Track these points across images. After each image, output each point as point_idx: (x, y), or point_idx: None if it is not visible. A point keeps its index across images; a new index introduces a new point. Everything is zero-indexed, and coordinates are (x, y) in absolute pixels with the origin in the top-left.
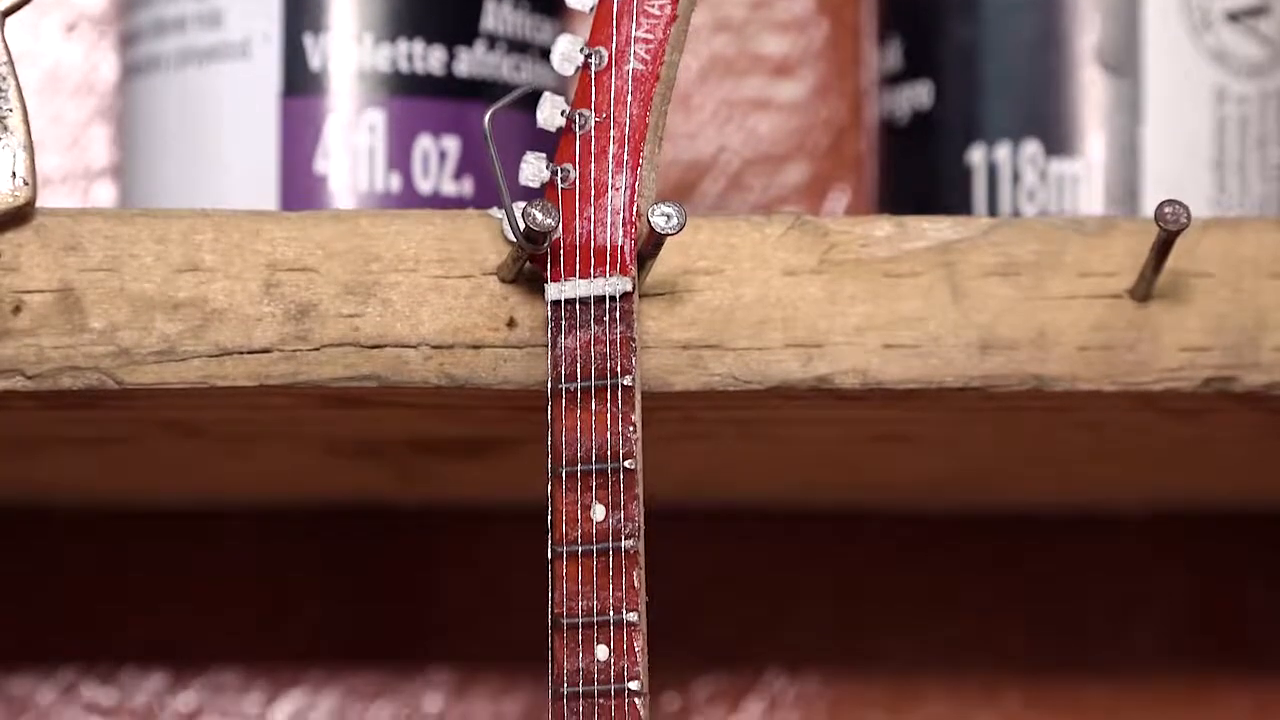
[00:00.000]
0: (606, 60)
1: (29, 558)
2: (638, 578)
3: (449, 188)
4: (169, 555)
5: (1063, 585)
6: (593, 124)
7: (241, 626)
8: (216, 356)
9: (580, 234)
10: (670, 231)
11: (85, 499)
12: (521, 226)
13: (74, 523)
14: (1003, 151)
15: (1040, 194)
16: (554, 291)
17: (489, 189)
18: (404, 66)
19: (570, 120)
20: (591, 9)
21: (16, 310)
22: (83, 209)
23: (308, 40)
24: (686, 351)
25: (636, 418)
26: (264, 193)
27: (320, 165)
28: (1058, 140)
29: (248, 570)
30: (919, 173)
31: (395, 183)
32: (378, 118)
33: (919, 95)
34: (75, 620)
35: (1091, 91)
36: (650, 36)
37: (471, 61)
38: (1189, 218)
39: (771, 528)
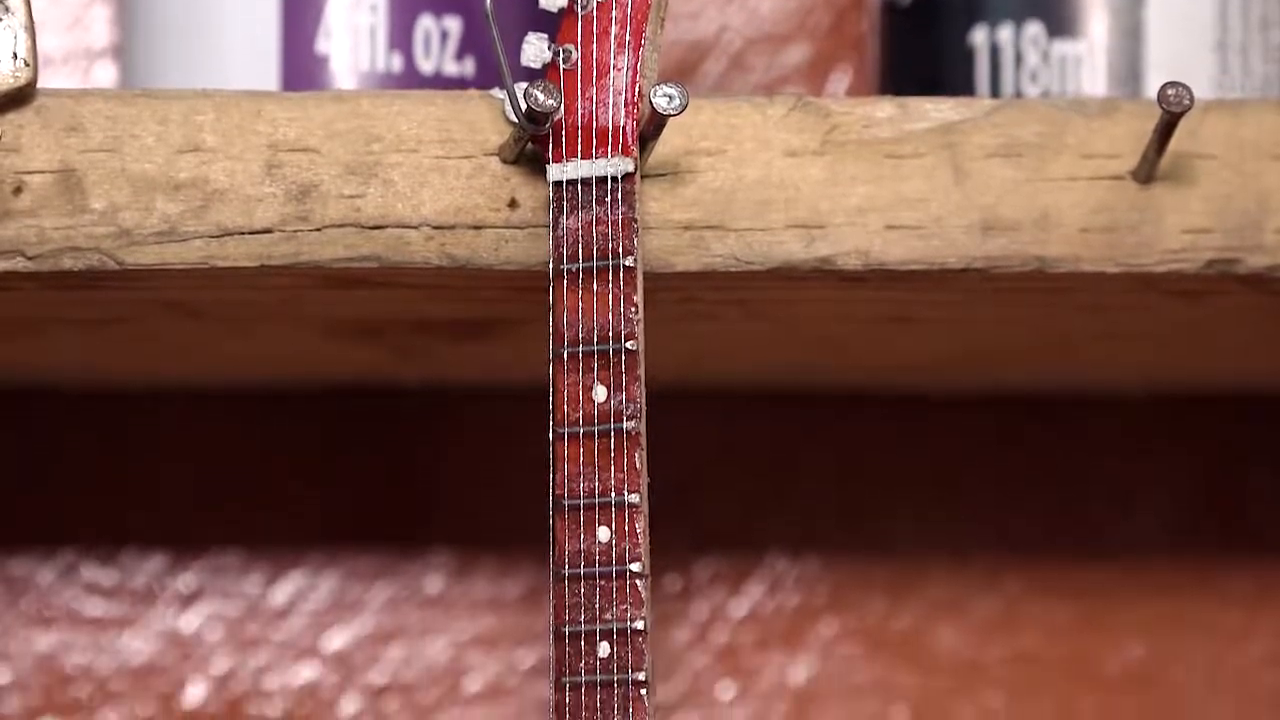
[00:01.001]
0: None
1: (29, 439)
2: (639, 459)
3: (450, 68)
4: (169, 436)
5: (1065, 467)
6: (595, 5)
7: (242, 508)
8: (217, 237)
9: (582, 115)
10: (672, 112)
11: (86, 380)
12: (523, 107)
13: (74, 403)
14: (1005, 32)
15: (1043, 75)
16: (555, 172)
17: (491, 70)
18: None
19: (572, 1)
20: None
21: (17, 191)
22: (84, 90)
23: None
24: (688, 232)
25: (638, 299)
26: (265, 73)
27: (321, 45)
28: (1060, 21)
29: (248, 451)
30: (921, 54)
31: (397, 63)
32: None
33: None
34: (75, 501)
35: None
36: None
37: None
38: (1191, 100)
39: (773, 409)
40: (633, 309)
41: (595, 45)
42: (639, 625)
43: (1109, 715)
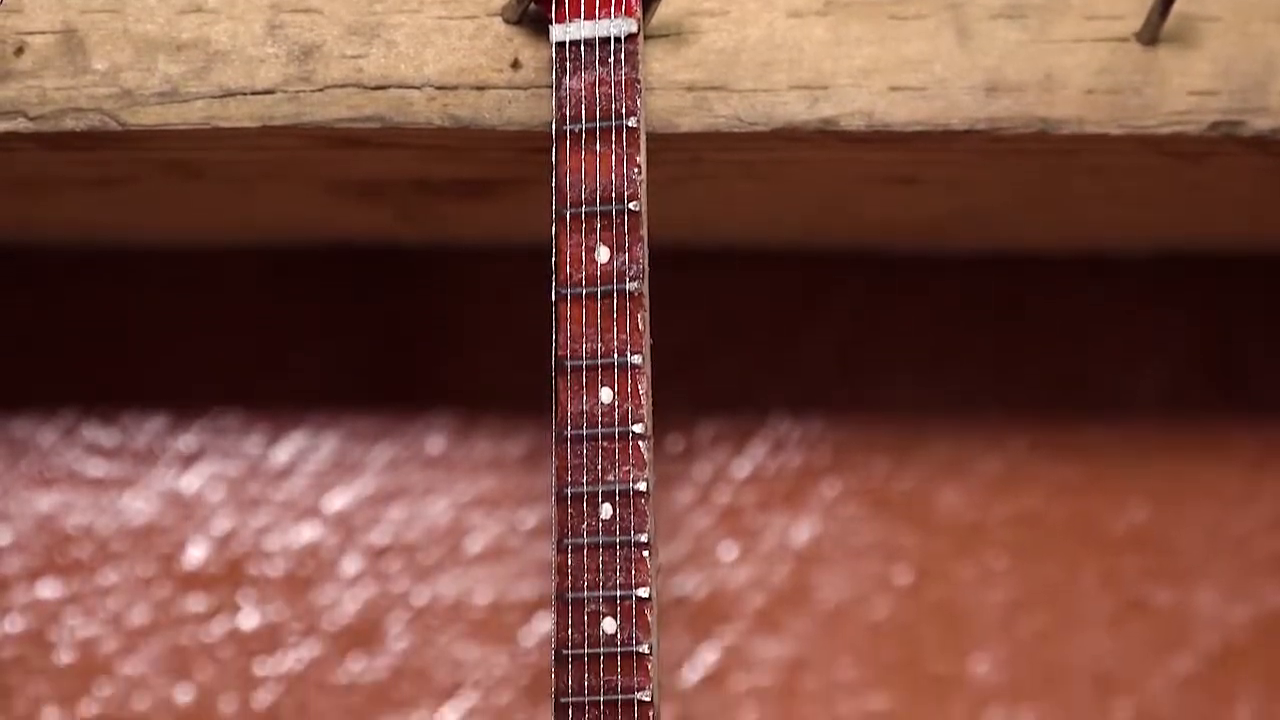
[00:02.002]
0: None
1: (30, 299)
2: (642, 320)
3: None
4: (170, 297)
5: (1068, 329)
6: None
7: (242, 368)
8: (219, 98)
9: None
10: None
11: (87, 240)
12: None
13: (76, 264)
14: None
15: None
16: (559, 33)
17: None
18: None
19: None
20: None
21: (19, 52)
22: None
23: None
24: (691, 93)
25: (641, 159)
26: None
27: None
28: None
29: (249, 312)
30: None
31: None
32: None
33: None
34: (76, 362)
35: None
36: None
37: None
38: None
39: (776, 269)
40: (636, 170)
41: None
42: (641, 487)
43: (1111, 577)
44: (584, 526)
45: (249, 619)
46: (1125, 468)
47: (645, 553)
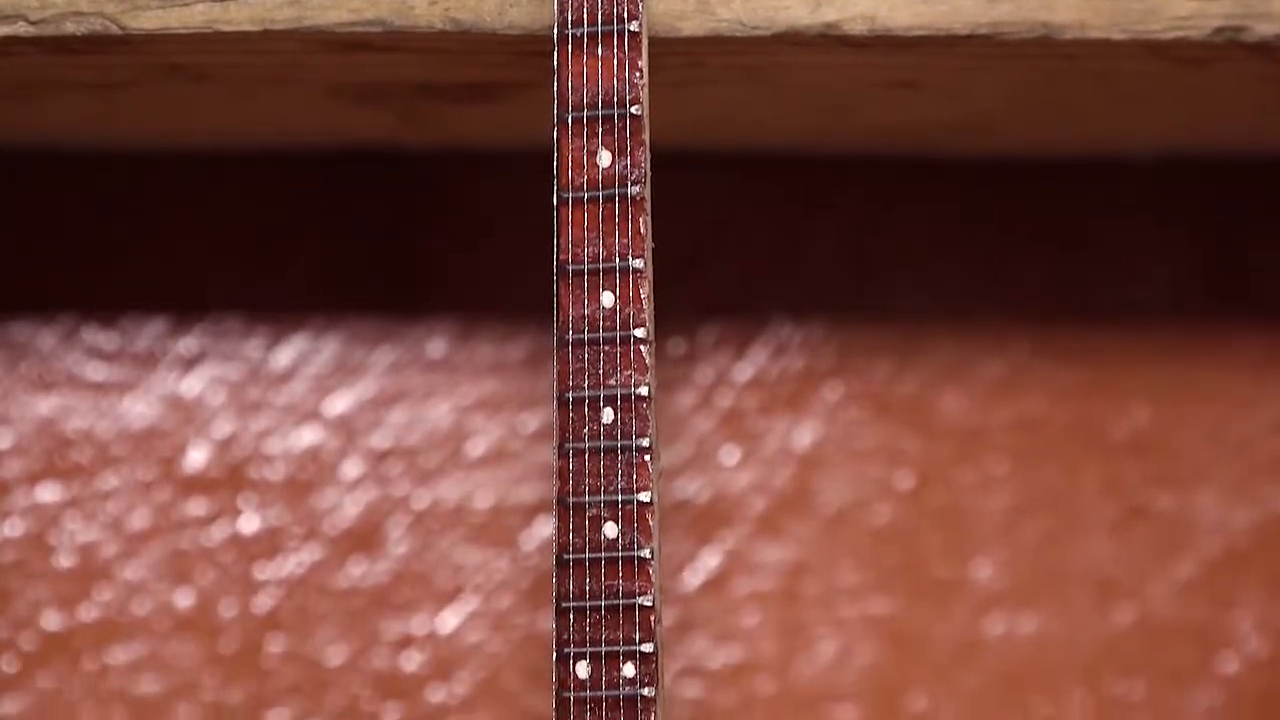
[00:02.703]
0: None
1: (30, 202)
2: (644, 224)
3: None
4: (172, 199)
5: (1071, 233)
6: None
7: (243, 272)
8: (220, 1)
9: None
10: None
11: (87, 143)
12: None
13: (77, 167)
14: None
15: None
16: None
17: None
18: None
19: None
20: None
21: None
22: None
23: None
24: None
25: (643, 63)
26: None
27: None
28: None
29: (251, 215)
30: None
31: None
32: None
33: None
34: (76, 265)
35: None
36: None
37: None
38: None
39: (778, 174)
40: (638, 74)
41: None
42: (643, 391)
43: (1113, 480)
44: (585, 431)
45: (249, 523)
46: (1127, 372)
47: (647, 457)
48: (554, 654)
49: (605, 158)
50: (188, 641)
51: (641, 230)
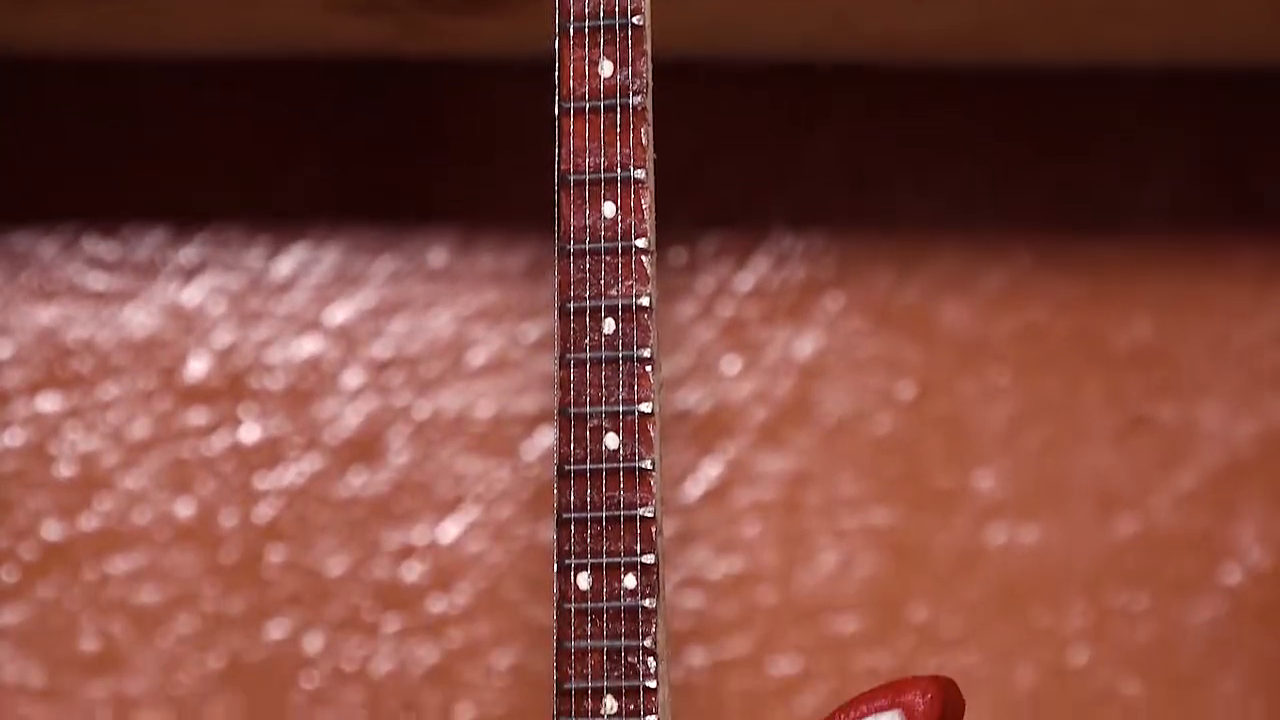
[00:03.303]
0: None
1: (30, 111)
2: (645, 134)
3: None
4: (172, 108)
5: (1074, 142)
6: None
7: (244, 181)
8: None
9: None
10: None
11: (87, 52)
12: None
13: (76, 75)
14: None
15: None
16: None
17: None
18: None
19: None
20: None
21: None
22: None
23: None
24: None
25: None
26: None
27: None
28: None
29: (251, 124)
30: None
31: None
32: None
33: None
34: (76, 175)
35: None
36: None
37: None
38: None
39: (780, 83)
40: None
41: None
42: (644, 301)
43: (1115, 391)
44: (586, 341)
45: (250, 433)
46: (1129, 282)
47: (648, 368)
48: (555, 565)
49: (607, 68)
50: (188, 551)
51: (643, 140)
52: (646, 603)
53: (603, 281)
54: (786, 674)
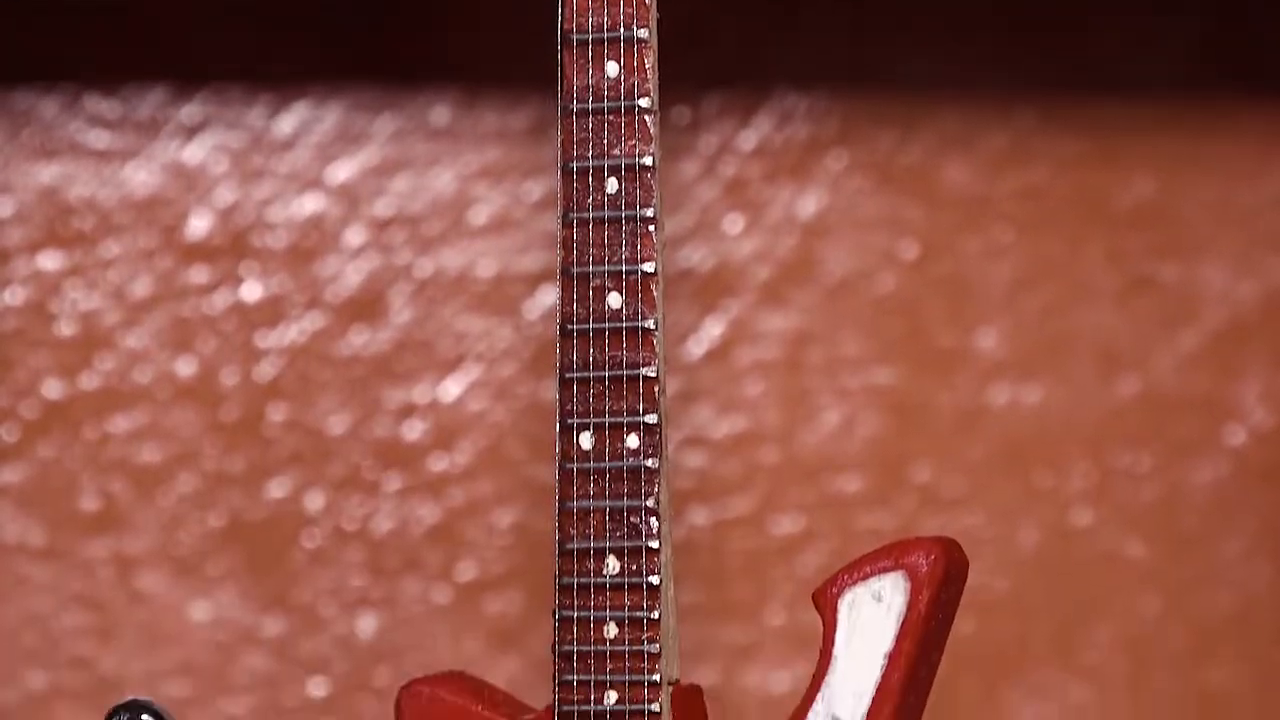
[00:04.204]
0: None
1: None
2: None
3: None
4: None
5: (1077, 4)
6: None
7: (245, 39)
8: None
9: None
10: None
11: None
12: None
13: None
14: None
15: None
16: None
17: None
18: None
19: None
20: None
21: None
22: None
23: None
24: None
25: None
26: None
27: None
28: None
29: None
30: None
31: None
32: None
33: None
34: (77, 33)
35: None
36: None
37: None
38: None
39: None
40: None
41: None
42: (647, 161)
43: (1117, 251)
44: (589, 201)
45: (251, 291)
46: (1132, 142)
47: (651, 228)
48: (557, 425)
49: None
50: (189, 410)
51: (645, 0)
52: (649, 463)
53: (606, 141)
54: (788, 533)
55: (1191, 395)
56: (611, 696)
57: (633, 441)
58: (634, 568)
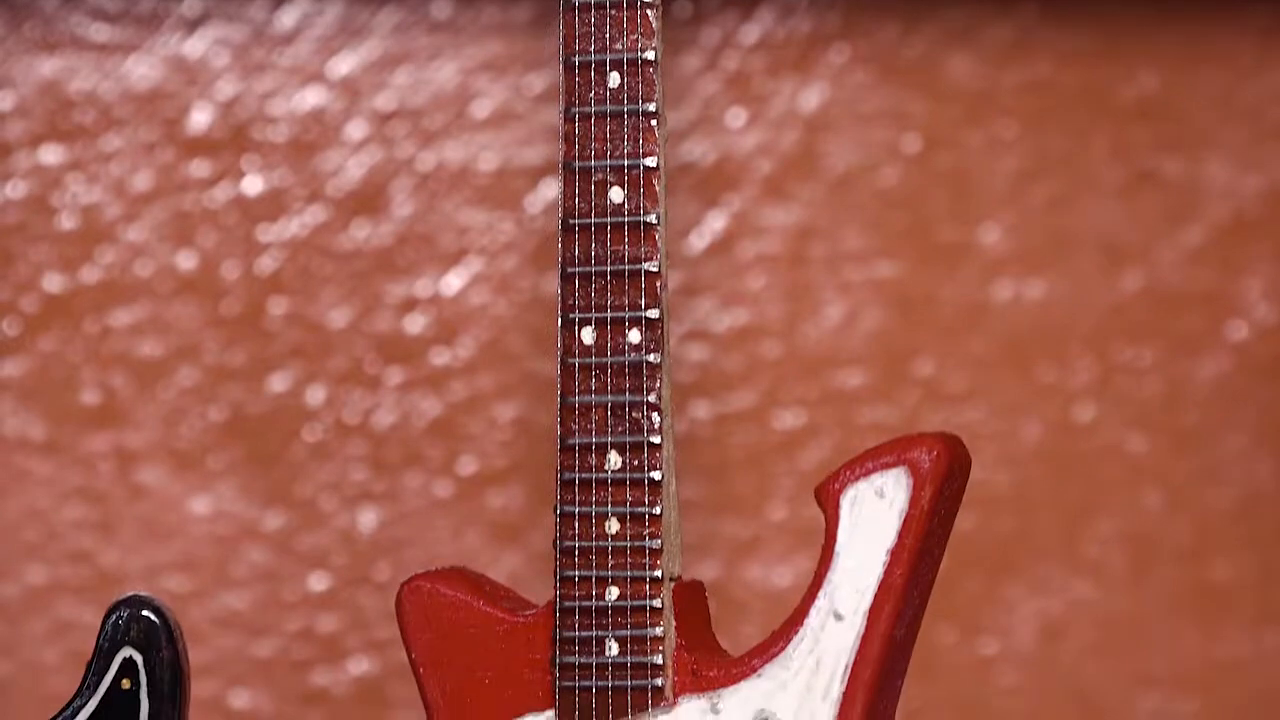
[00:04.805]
0: None
1: None
2: None
3: None
4: None
5: None
6: None
7: None
8: None
9: None
10: None
11: None
12: None
13: None
14: None
15: None
16: None
17: None
18: None
19: None
20: None
21: None
22: None
23: None
24: None
25: None
26: None
27: None
28: None
29: None
30: None
31: None
32: None
33: None
34: None
35: None
36: None
37: None
38: None
39: None
40: None
41: None
42: (649, 55)
43: (1121, 144)
44: (591, 95)
45: (253, 185)
46: (1136, 36)
47: (653, 122)
48: (559, 320)
49: None
50: (190, 304)
51: None
52: (651, 358)
53: (608, 35)
54: (791, 427)
55: (1194, 290)
56: (613, 592)
57: (634, 336)
58: (635, 463)
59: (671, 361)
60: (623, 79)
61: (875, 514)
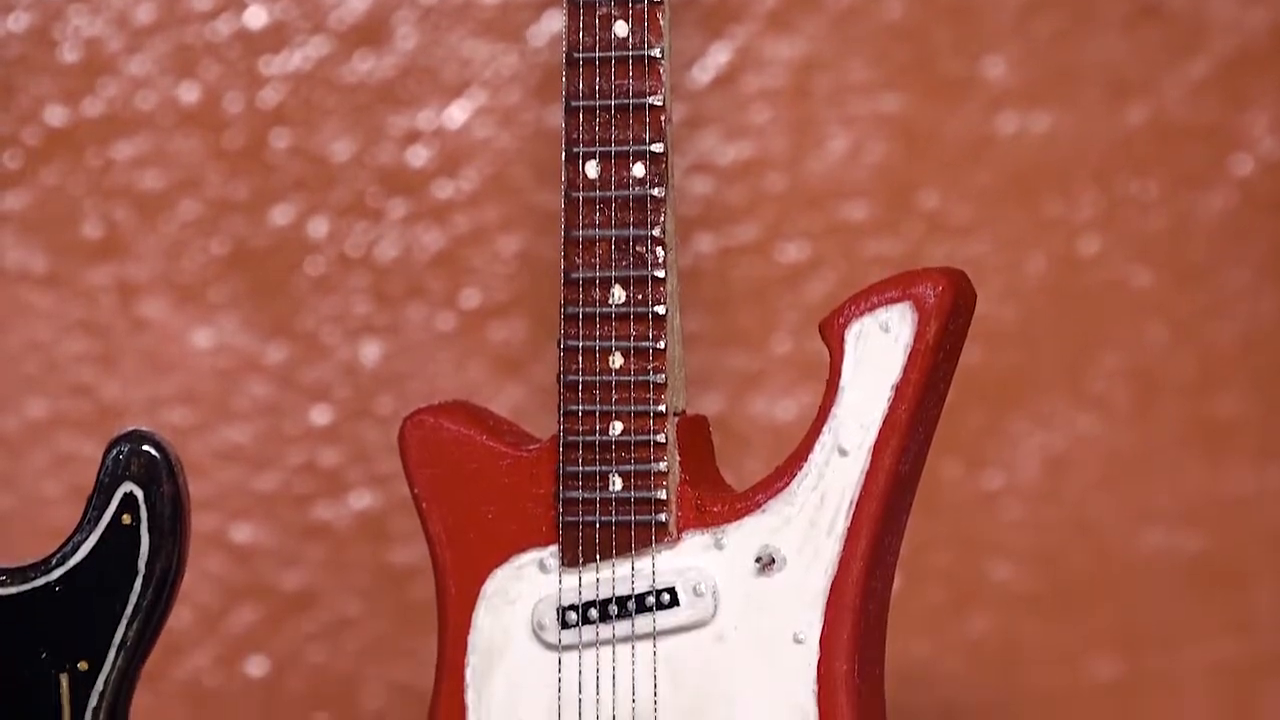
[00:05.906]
0: None
1: None
2: None
3: None
4: None
5: None
6: None
7: None
8: None
9: None
10: None
11: None
12: None
13: None
14: None
15: None
16: None
17: None
18: None
19: None
20: None
21: None
22: None
23: None
24: None
25: None
26: None
27: None
28: None
29: None
30: None
31: None
32: None
33: None
34: None
35: None
36: None
37: None
38: None
39: None
40: None
41: None
42: None
43: None
44: None
45: (255, 17)
46: None
47: None
48: (563, 154)
49: None
50: (192, 136)
51: None
52: (655, 191)
53: None
54: (795, 260)
55: (1200, 124)
56: (617, 427)
57: (638, 170)
58: (639, 297)
59: (675, 195)
60: None
61: (880, 349)
